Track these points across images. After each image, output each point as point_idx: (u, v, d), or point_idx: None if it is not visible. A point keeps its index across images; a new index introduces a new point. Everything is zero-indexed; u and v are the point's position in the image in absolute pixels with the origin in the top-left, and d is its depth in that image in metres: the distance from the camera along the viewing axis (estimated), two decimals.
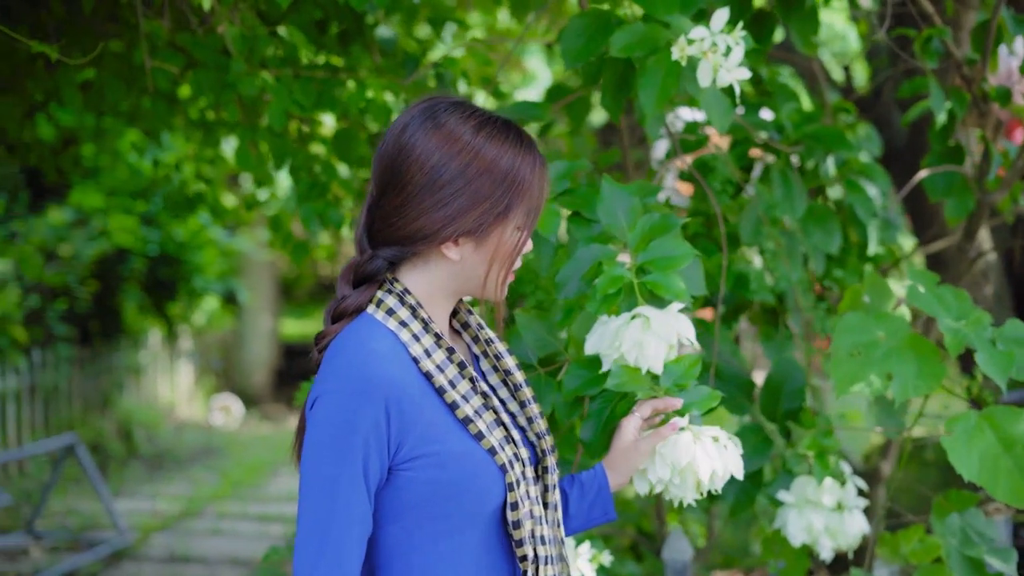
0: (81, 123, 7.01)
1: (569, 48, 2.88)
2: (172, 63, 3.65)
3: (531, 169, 2.12)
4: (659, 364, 2.37)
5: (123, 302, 12.07)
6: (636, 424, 2.35)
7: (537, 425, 2.24)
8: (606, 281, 2.43)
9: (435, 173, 2.06)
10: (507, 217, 2.10)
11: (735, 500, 3.16)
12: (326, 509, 1.97)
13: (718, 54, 2.61)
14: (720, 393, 2.38)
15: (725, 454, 2.32)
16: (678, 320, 2.40)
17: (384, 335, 2.06)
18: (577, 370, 2.51)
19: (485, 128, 2.10)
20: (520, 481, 2.09)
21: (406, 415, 2.00)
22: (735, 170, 3.47)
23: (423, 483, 2.02)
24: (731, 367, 3.25)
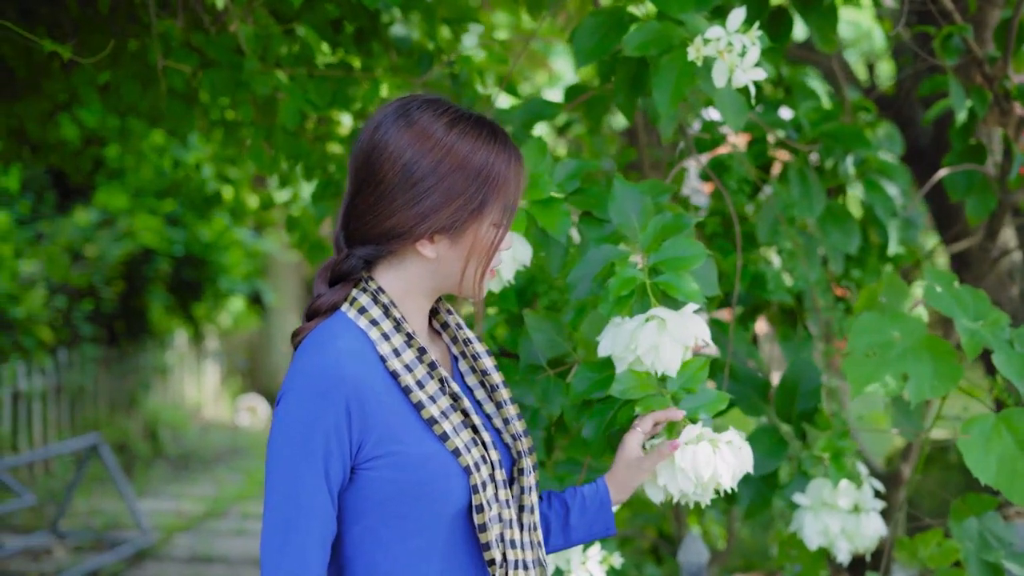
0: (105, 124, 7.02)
1: (582, 46, 2.86)
2: (186, 63, 3.64)
3: (506, 164, 2.11)
4: (676, 367, 2.35)
5: (149, 303, 12.10)
6: (639, 440, 2.33)
7: (513, 427, 2.23)
8: (619, 283, 2.41)
9: (407, 170, 2.06)
10: (482, 213, 2.09)
11: (750, 502, 3.13)
12: (288, 507, 1.98)
13: (734, 54, 2.58)
14: (728, 395, 2.36)
15: (740, 455, 2.29)
16: (693, 321, 2.37)
17: (353, 333, 2.06)
18: (586, 372, 2.48)
19: (458, 125, 2.09)
20: (487, 484, 2.08)
21: (368, 414, 2.01)
22: (751, 169, 3.43)
23: (385, 483, 2.02)
24: (746, 368, 3.21)
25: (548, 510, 2.38)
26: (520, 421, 2.25)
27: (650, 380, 2.34)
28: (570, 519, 2.36)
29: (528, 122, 3.21)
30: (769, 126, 3.46)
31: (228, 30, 3.46)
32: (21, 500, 7.75)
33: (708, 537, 5.37)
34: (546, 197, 2.63)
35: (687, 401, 2.35)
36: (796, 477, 3.10)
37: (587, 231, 2.69)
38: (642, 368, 2.36)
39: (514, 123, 3.21)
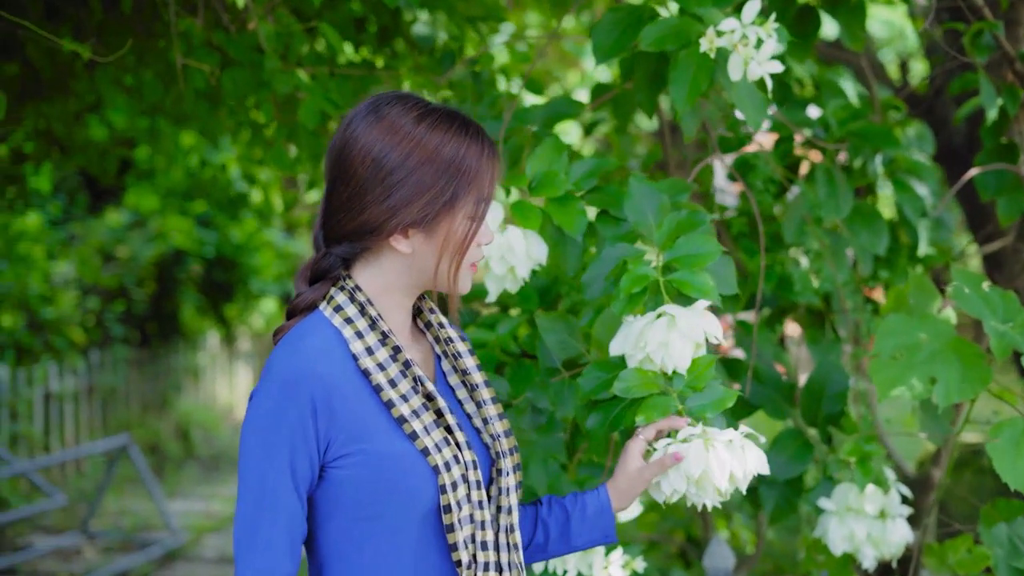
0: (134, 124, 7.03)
1: (600, 43, 2.82)
2: (207, 62, 3.61)
3: (477, 156, 2.10)
4: (686, 364, 2.31)
5: (181, 304, 12.13)
6: (640, 448, 2.30)
7: (492, 427, 2.22)
8: (630, 280, 2.37)
9: (376, 165, 2.06)
10: (454, 206, 2.08)
11: (775, 506, 3.08)
12: (254, 505, 2.00)
13: (749, 46, 2.54)
14: (737, 392, 2.31)
15: (742, 455, 2.24)
16: (705, 318, 2.33)
17: (326, 332, 2.07)
18: (594, 371, 2.44)
19: (427, 118, 2.09)
20: (458, 484, 2.07)
21: (335, 412, 2.01)
22: (777, 168, 3.38)
23: (354, 482, 2.03)
24: (771, 370, 3.16)
25: (548, 515, 2.36)
26: (502, 421, 2.24)
27: (655, 379, 2.30)
28: (570, 525, 2.34)
29: (550, 121, 3.16)
30: (795, 125, 3.40)
31: (248, 29, 3.43)
32: (52, 500, 7.77)
33: (737, 541, 5.31)
34: (562, 195, 2.59)
35: (694, 399, 2.31)
36: (822, 482, 3.05)
37: (604, 230, 2.65)
38: (652, 366, 2.32)
39: (536, 122, 3.17)
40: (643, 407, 2.29)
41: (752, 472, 2.25)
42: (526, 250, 2.56)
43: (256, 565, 1.98)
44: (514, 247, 2.55)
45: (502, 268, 2.58)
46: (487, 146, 2.13)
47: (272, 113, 3.68)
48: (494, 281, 2.63)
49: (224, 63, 3.68)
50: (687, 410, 2.30)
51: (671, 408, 2.28)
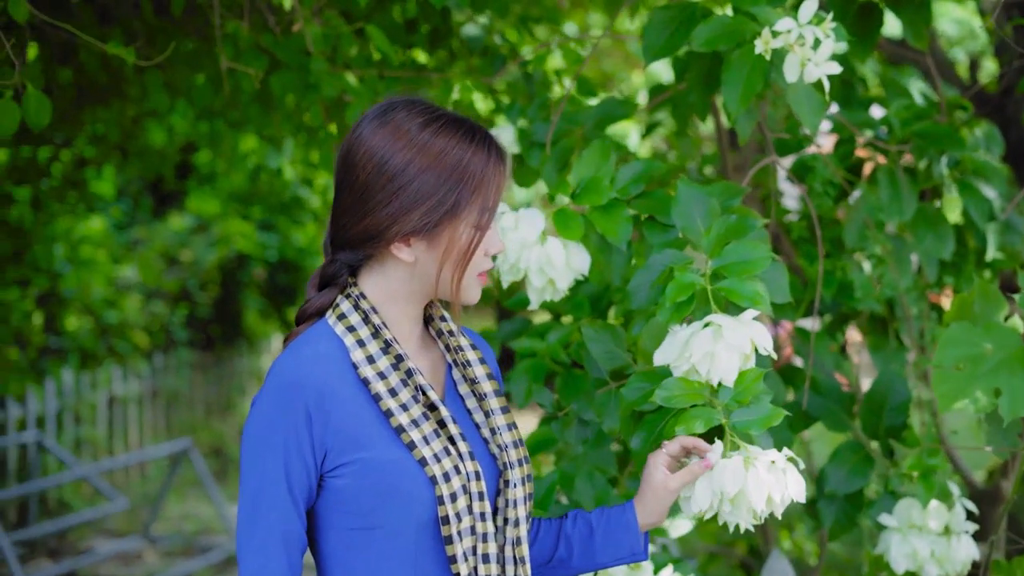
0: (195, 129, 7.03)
1: (651, 43, 2.74)
2: (255, 65, 3.56)
3: (483, 164, 2.06)
4: (732, 376, 2.22)
5: (244, 307, 12.16)
6: (662, 461, 2.23)
7: (500, 437, 2.17)
8: (676, 288, 2.29)
9: (378, 170, 2.04)
10: (457, 215, 2.05)
11: (834, 521, 2.97)
12: (251, 508, 2.01)
13: (806, 47, 2.44)
14: (783, 411, 2.20)
15: (783, 479, 2.14)
16: (753, 328, 2.24)
17: (328, 340, 2.07)
18: (639, 382, 2.36)
19: (433, 124, 2.06)
20: (458, 495, 2.04)
21: (331, 421, 2.01)
22: (837, 171, 3.27)
23: (351, 491, 2.02)
24: (830, 380, 3.06)
25: (572, 529, 2.31)
26: (511, 431, 2.18)
27: (699, 389, 2.21)
28: (594, 540, 2.28)
29: (601, 123, 3.08)
30: (856, 126, 3.29)
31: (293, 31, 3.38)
32: (114, 504, 7.79)
33: (800, 552, 5.20)
34: (606, 202, 2.51)
35: (739, 414, 2.21)
36: (883, 496, 2.94)
37: (651, 236, 2.57)
38: (697, 377, 2.23)
39: (587, 124, 3.09)
40: (684, 418, 2.21)
41: (790, 498, 2.16)
42: (566, 261, 2.49)
43: (252, 568, 2.00)
44: (553, 259, 2.48)
45: (541, 280, 2.51)
46: (494, 153, 2.09)
47: (320, 116, 3.63)
48: (534, 292, 2.56)
49: (272, 66, 3.63)
50: (731, 425, 2.21)
51: (714, 420, 2.19)
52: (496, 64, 3.64)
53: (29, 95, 3.16)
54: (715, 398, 2.24)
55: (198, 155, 9.29)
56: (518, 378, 2.98)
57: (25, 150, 7.22)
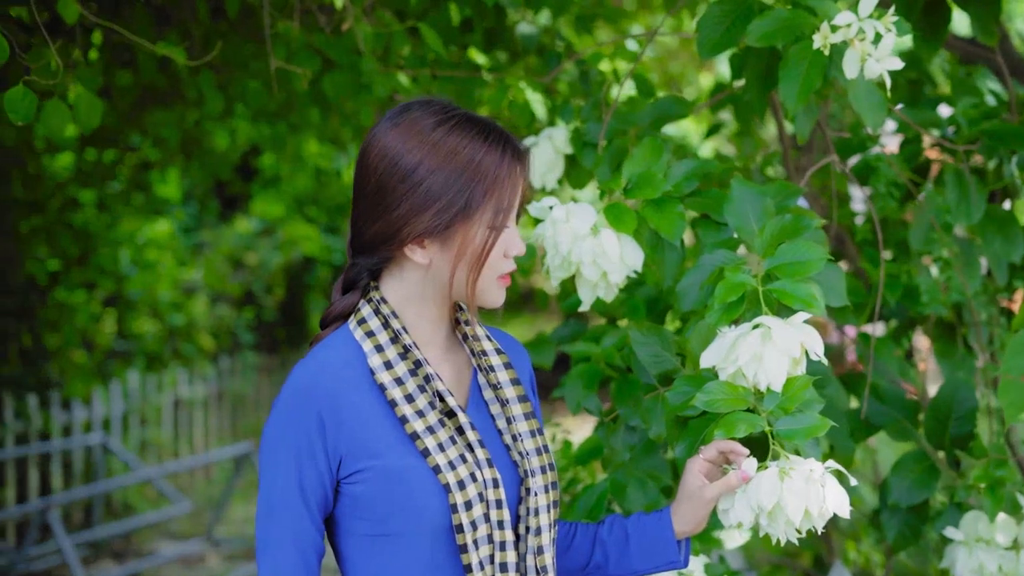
0: (260, 132, 7.03)
1: (706, 38, 2.63)
2: (308, 66, 3.52)
3: (497, 163, 2.01)
4: (780, 380, 2.13)
5: (309, 310, 12.19)
6: (701, 468, 2.16)
7: (522, 444, 2.11)
8: (725, 288, 2.20)
9: (389, 172, 2.01)
10: (470, 215, 2.00)
11: (898, 534, 2.86)
12: (266, 515, 2.00)
13: (866, 42, 2.35)
14: (830, 421, 2.11)
15: (820, 492, 2.05)
16: (803, 331, 2.15)
17: (347, 345, 2.05)
18: (683, 386, 2.27)
19: (446, 123, 2.01)
20: (474, 503, 2.00)
21: (344, 427, 1.99)
22: (902, 171, 3.16)
23: (366, 498, 2.00)
24: (894, 387, 2.95)
25: (608, 536, 2.25)
26: (534, 438, 2.13)
27: (744, 394, 2.12)
28: (629, 547, 2.23)
29: (657, 122, 3.00)
30: (921, 125, 3.18)
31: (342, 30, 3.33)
32: (177, 507, 7.80)
33: (867, 563, 5.08)
34: (659, 196, 2.43)
35: (784, 422, 2.12)
36: (949, 509, 2.82)
37: (704, 236, 2.48)
38: (743, 382, 2.15)
39: (642, 123, 3.01)
40: (723, 422, 2.12)
41: (830, 512, 2.06)
42: (620, 255, 2.40)
43: (267, 569, 1.99)
44: (607, 251, 2.39)
45: (594, 273, 2.42)
46: (510, 152, 2.03)
47: (373, 117, 3.58)
48: (586, 288, 2.48)
49: (324, 66, 3.59)
50: (774, 433, 2.12)
51: (756, 427, 2.10)
52: (551, 64, 3.57)
53: (80, 96, 3.14)
54: (760, 404, 2.16)
55: (262, 158, 9.31)
56: (571, 383, 2.91)
57: (90, 153, 7.27)
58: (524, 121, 3.51)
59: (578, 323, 3.35)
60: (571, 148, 3.04)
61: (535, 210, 2.51)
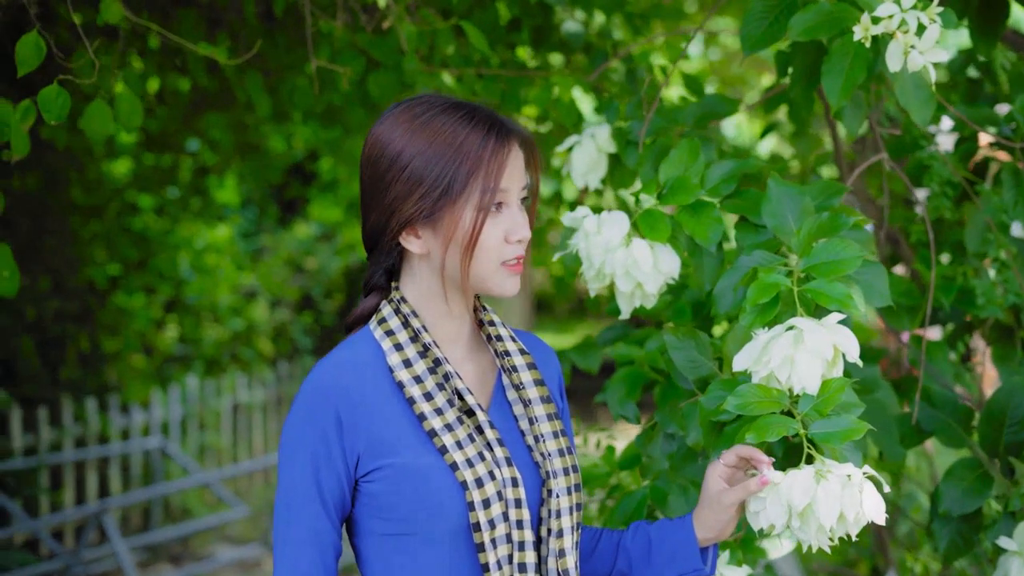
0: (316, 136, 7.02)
1: (749, 33, 2.58)
2: (353, 65, 3.48)
3: (479, 143, 2.00)
4: (814, 383, 2.07)
5: None
6: (721, 472, 2.12)
7: (544, 445, 2.09)
8: (758, 289, 2.14)
9: (377, 163, 2.02)
10: (454, 197, 1.99)
11: (949, 543, 2.77)
12: (283, 513, 2.01)
13: (909, 33, 2.28)
14: (867, 424, 2.04)
15: (857, 496, 1.98)
16: (837, 332, 2.08)
17: (367, 344, 2.05)
18: (718, 390, 2.21)
19: (431, 111, 2.02)
20: (492, 501, 1.99)
21: (361, 425, 1.99)
22: (956, 170, 3.07)
23: (384, 497, 1.99)
24: (946, 392, 2.86)
25: (632, 543, 2.21)
26: (557, 439, 2.10)
27: (777, 397, 2.06)
28: (651, 555, 2.19)
29: (701, 120, 2.94)
30: (977, 123, 3.09)
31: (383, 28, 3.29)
32: (235, 511, 7.81)
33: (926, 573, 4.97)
34: (694, 201, 2.37)
35: (819, 425, 2.06)
36: (1003, 518, 2.73)
37: (742, 238, 2.42)
38: (777, 385, 2.08)
39: (687, 121, 2.95)
40: (755, 426, 2.06)
41: (866, 519, 2.00)
42: (654, 264, 2.35)
43: (285, 568, 1.98)
44: (639, 262, 2.34)
45: (628, 285, 2.38)
46: (496, 132, 2.01)
47: None
48: (624, 299, 2.43)
49: (369, 66, 3.56)
50: (808, 436, 2.05)
51: (790, 431, 2.04)
52: (597, 61, 3.51)
53: (120, 98, 3.13)
54: (795, 407, 2.10)
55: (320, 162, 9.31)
56: (614, 387, 2.86)
57: (148, 158, 7.30)
58: (571, 121, 3.46)
59: (625, 326, 3.30)
60: (614, 147, 2.98)
61: (568, 220, 2.48)
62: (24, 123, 2.81)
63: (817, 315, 2.15)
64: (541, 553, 2.06)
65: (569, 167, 3.00)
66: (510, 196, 2.03)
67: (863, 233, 2.39)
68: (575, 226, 2.44)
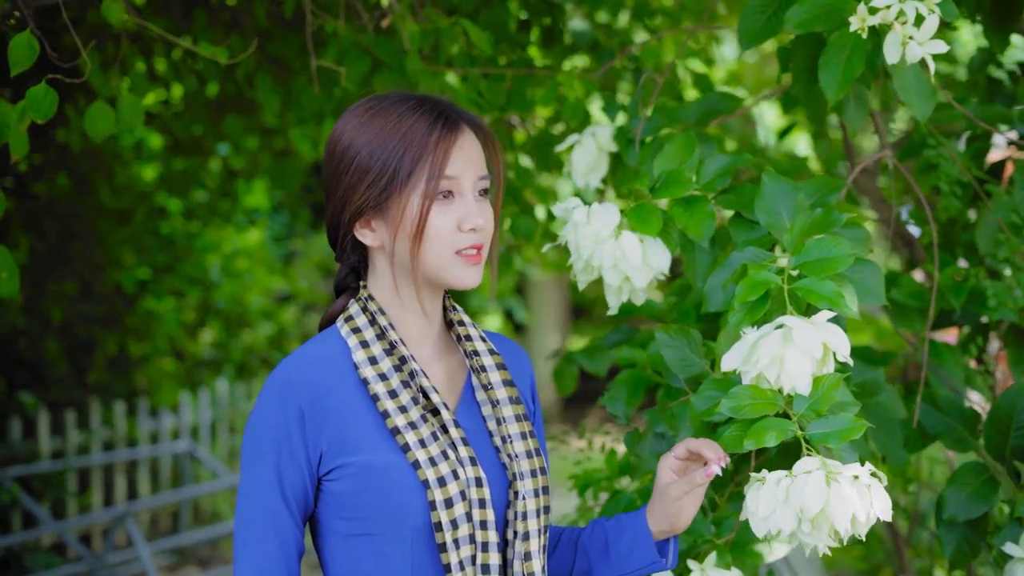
0: None
1: (746, 27, 2.54)
2: (358, 65, 3.46)
3: (426, 131, 1.99)
4: (805, 383, 2.04)
5: None
6: (672, 465, 2.10)
7: (511, 447, 2.06)
8: (747, 286, 2.10)
9: (330, 159, 2.03)
10: (400, 184, 1.98)
11: (955, 549, 2.71)
12: (244, 514, 1.98)
13: (908, 24, 2.23)
14: (865, 423, 1.99)
15: (868, 496, 1.94)
16: (827, 331, 2.04)
17: (332, 341, 2.04)
18: (709, 390, 2.17)
19: (381, 104, 2.03)
20: (455, 501, 1.96)
21: (325, 421, 1.97)
22: (966, 169, 3.01)
23: (346, 496, 1.98)
24: (952, 395, 2.81)
25: (590, 540, 2.19)
26: (525, 441, 2.07)
27: (772, 398, 2.02)
28: (609, 551, 2.16)
29: (703, 118, 2.89)
30: (989, 121, 3.02)
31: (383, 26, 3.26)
32: None
33: None
34: (686, 196, 2.32)
35: (816, 425, 2.02)
36: (1009, 524, 2.67)
37: (736, 234, 2.38)
38: (767, 385, 2.04)
39: (689, 119, 2.90)
40: (754, 430, 2.02)
41: (875, 517, 1.96)
42: (643, 258, 2.31)
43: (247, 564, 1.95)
44: (628, 255, 2.30)
45: (616, 278, 2.33)
46: (442, 120, 2.01)
47: None
48: (612, 293, 2.39)
49: (375, 66, 3.53)
50: (807, 437, 2.01)
51: (788, 434, 1.99)
52: (603, 59, 3.47)
53: (122, 99, 3.12)
54: (790, 408, 2.06)
55: None
56: (616, 390, 2.82)
57: (176, 163, 7.31)
58: (577, 120, 3.42)
59: (631, 329, 3.25)
60: (616, 146, 2.94)
61: (559, 211, 2.44)
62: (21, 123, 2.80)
63: (809, 314, 2.11)
64: (507, 556, 2.03)
65: (570, 167, 2.97)
66: (462, 184, 2.02)
67: (859, 231, 2.35)
68: (565, 217, 2.40)
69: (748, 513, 2.07)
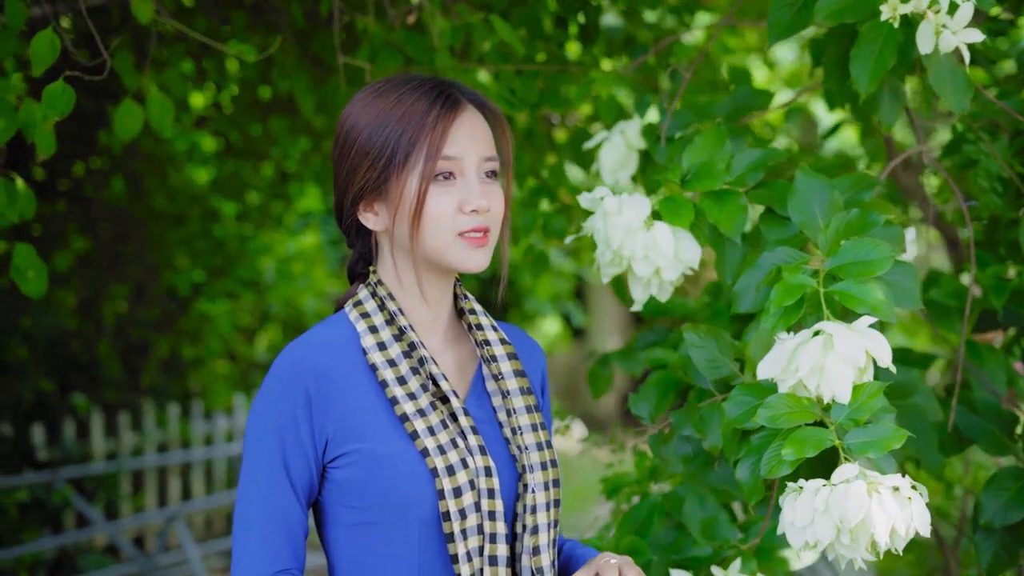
0: None
1: (777, 20, 2.47)
2: (390, 63, 3.42)
3: (423, 111, 1.96)
4: (846, 391, 1.96)
5: None
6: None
7: (520, 438, 2.02)
8: (783, 290, 2.03)
9: (336, 143, 2.03)
10: (399, 165, 1.95)
11: (992, 556, 2.63)
12: (246, 501, 1.94)
13: (941, 13, 2.16)
14: (906, 432, 1.91)
15: (908, 508, 1.87)
16: (869, 337, 1.96)
17: (341, 326, 2.01)
18: (741, 396, 2.11)
19: (384, 87, 2.01)
20: (463, 490, 1.92)
21: (332, 407, 1.94)
22: (1007, 165, 2.92)
23: (352, 484, 1.93)
24: (991, 398, 2.72)
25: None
26: (535, 433, 2.04)
27: (809, 407, 1.95)
28: None
29: (733, 114, 2.82)
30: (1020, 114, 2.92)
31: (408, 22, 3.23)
32: None
33: None
34: (719, 188, 2.26)
35: (854, 434, 1.95)
36: None
37: (768, 232, 2.31)
38: (805, 393, 1.97)
39: (719, 115, 2.83)
40: (792, 439, 1.95)
41: (914, 530, 1.90)
42: (675, 250, 2.24)
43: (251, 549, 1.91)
44: (660, 245, 2.24)
45: (646, 269, 2.27)
46: (442, 99, 1.98)
47: None
48: (639, 285, 2.33)
49: (406, 64, 3.50)
50: (846, 446, 1.94)
51: (826, 442, 1.93)
52: (635, 55, 3.41)
53: (151, 98, 3.10)
54: (827, 416, 1.99)
55: None
56: (647, 391, 2.75)
57: (229, 165, 7.34)
58: (610, 117, 3.35)
59: (665, 330, 3.19)
60: (644, 143, 2.88)
61: (586, 201, 2.38)
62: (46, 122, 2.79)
63: (843, 318, 2.04)
64: (515, 549, 1.99)
65: (598, 164, 2.91)
66: (464, 164, 1.98)
67: (894, 230, 2.27)
68: (592, 207, 2.34)
69: (785, 523, 2.00)
